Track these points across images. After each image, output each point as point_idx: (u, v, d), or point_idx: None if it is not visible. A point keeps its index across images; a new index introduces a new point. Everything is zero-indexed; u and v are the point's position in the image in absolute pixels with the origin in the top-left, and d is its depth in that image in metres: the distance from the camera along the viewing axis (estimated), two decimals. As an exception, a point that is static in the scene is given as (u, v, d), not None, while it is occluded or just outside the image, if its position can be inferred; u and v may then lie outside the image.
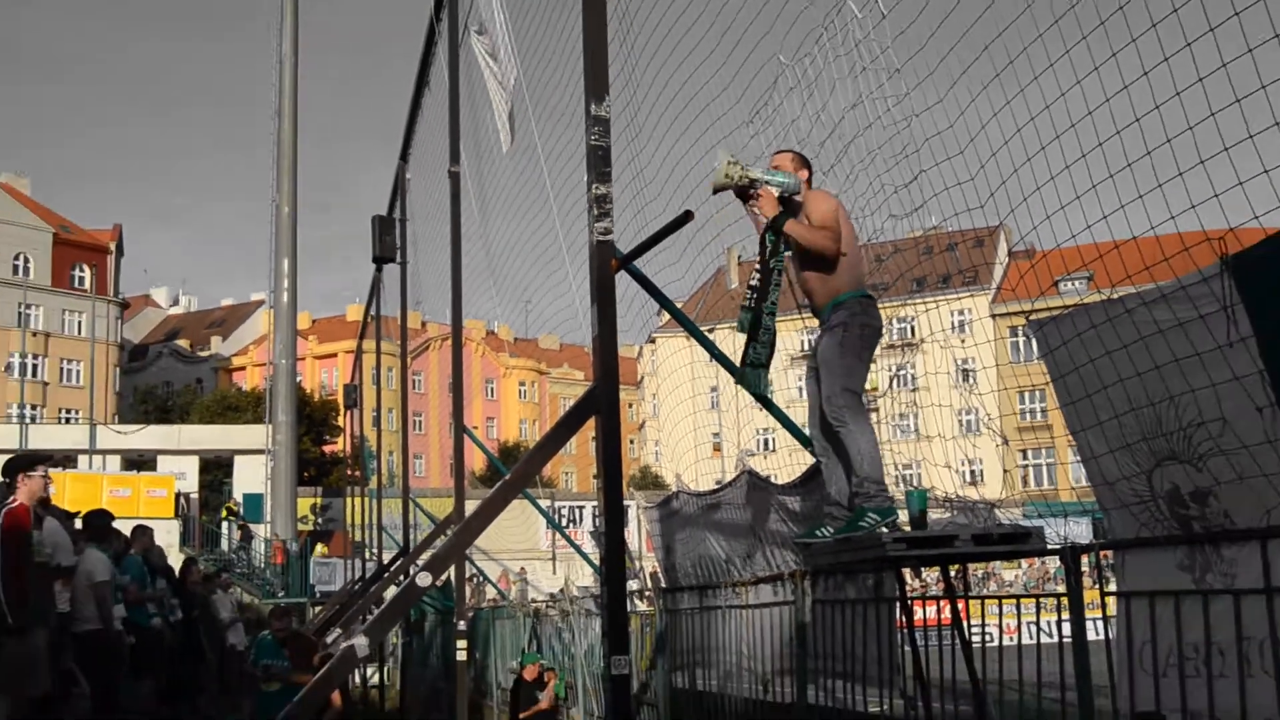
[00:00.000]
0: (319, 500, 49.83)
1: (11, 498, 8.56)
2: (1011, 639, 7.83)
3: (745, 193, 6.19)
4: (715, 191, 6.30)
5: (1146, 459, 5.71)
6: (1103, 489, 6.15)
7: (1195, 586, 5.56)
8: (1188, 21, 4.37)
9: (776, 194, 6.13)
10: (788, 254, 6.23)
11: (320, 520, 48.14)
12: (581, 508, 54.15)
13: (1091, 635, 6.17)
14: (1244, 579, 5.24)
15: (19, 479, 8.76)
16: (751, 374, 6.54)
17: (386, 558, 24.54)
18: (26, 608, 8.29)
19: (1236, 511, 5.31)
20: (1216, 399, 5.07)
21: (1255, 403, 4.90)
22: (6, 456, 10.17)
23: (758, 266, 6.28)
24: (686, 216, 6.38)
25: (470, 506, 12.95)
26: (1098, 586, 6.53)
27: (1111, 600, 6.29)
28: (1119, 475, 5.94)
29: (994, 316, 55.59)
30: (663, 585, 12.56)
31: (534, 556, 41.72)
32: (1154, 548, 5.87)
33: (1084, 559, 6.16)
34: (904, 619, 7.45)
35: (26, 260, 74.70)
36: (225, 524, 46.31)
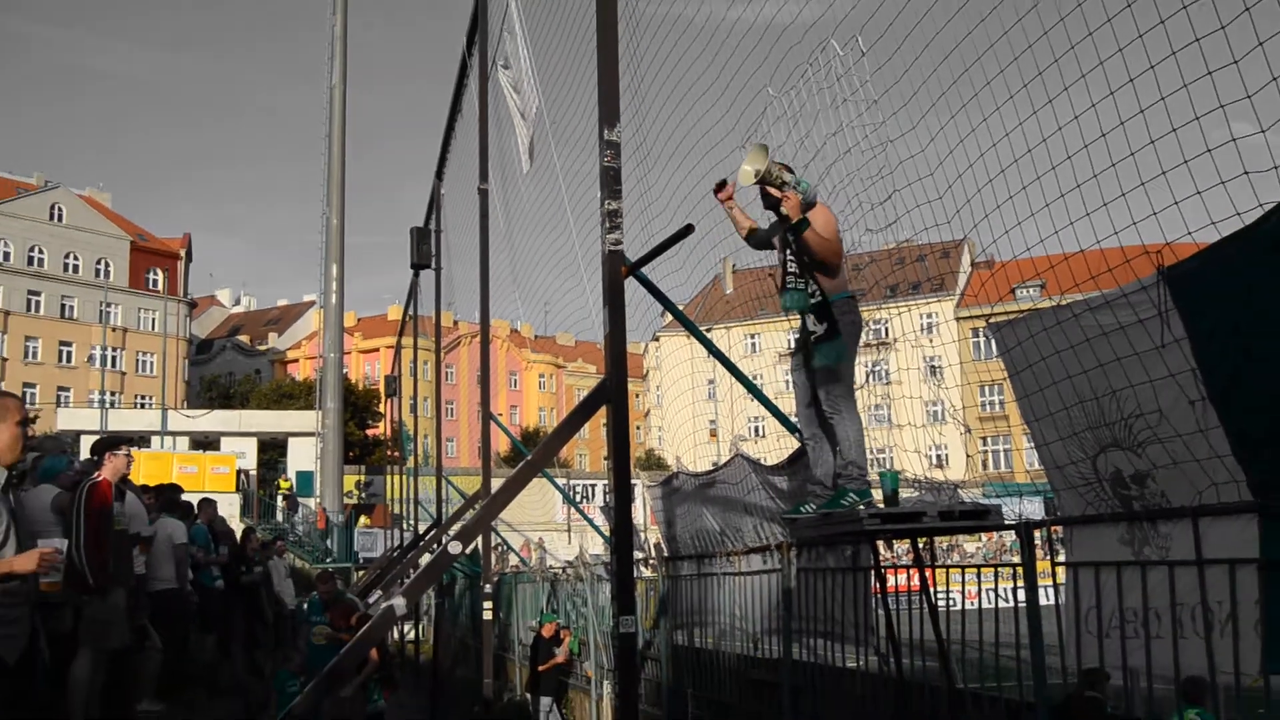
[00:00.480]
0: (363, 477, 49.88)
1: (96, 473, 8.59)
2: (972, 604, 7.85)
3: (770, 196, 6.13)
4: (756, 180, 6.18)
5: (1092, 446, 5.74)
6: (1053, 472, 6.17)
7: (1135, 558, 5.58)
8: (1131, 60, 4.39)
9: (800, 198, 6.12)
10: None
11: (364, 495, 48.20)
12: (593, 485, 54.15)
13: (1043, 601, 6.18)
14: (1178, 552, 5.27)
15: (106, 457, 8.80)
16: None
17: (421, 528, 24.60)
18: (106, 571, 8.31)
19: (1172, 492, 5.33)
20: (1154, 393, 5.09)
21: (1188, 396, 4.94)
22: (92, 437, 10.27)
23: (790, 257, 6.19)
24: (688, 229, 6.39)
25: (496, 484, 12.98)
26: (1049, 558, 6.54)
27: (1061, 570, 6.31)
28: (1068, 460, 5.96)
29: (958, 319, 55.47)
30: (665, 554, 12.57)
31: (551, 528, 41.70)
32: (1098, 524, 5.90)
33: (1036, 534, 6.16)
34: (878, 585, 7.46)
35: (107, 265, 74.78)
36: (280, 498, 46.44)
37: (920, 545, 7.23)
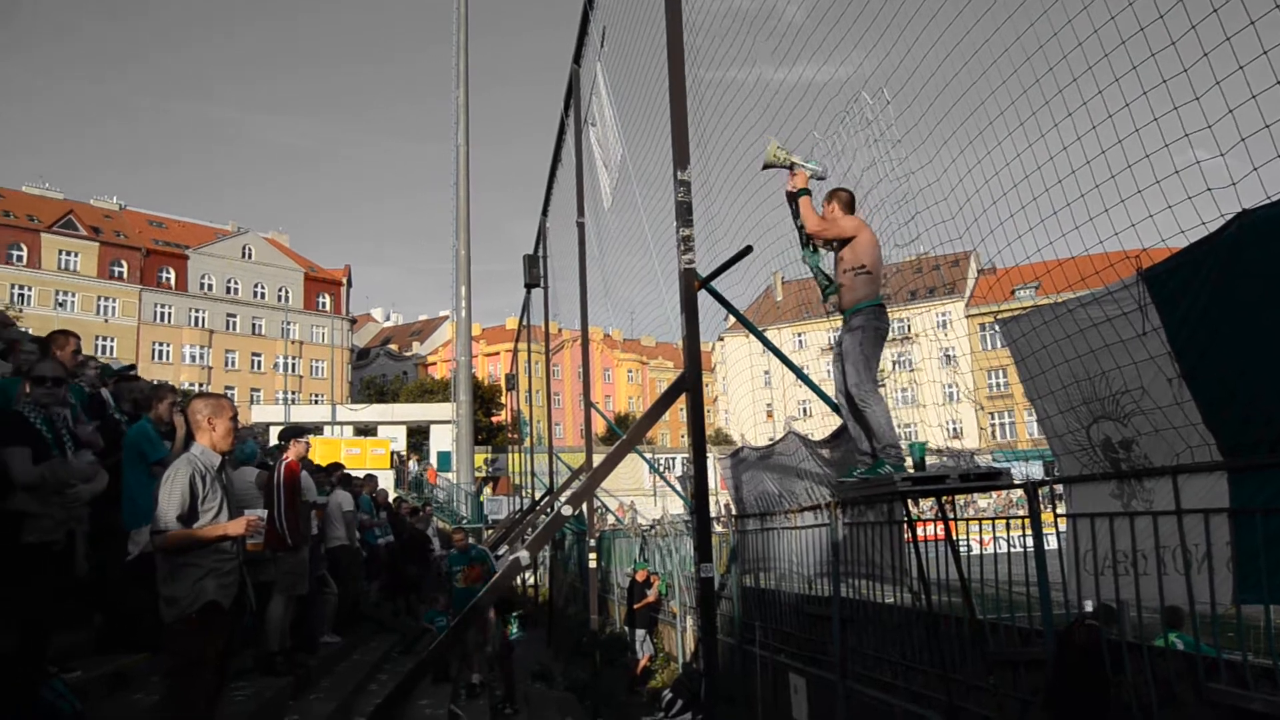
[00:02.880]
0: (489, 455, 50.39)
1: (284, 456, 8.79)
2: (986, 550, 7.72)
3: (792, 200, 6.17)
4: (764, 168, 6.27)
5: (1086, 418, 5.66)
6: (1054, 440, 6.08)
7: (1124, 510, 5.50)
8: (1109, 98, 4.33)
9: (807, 175, 6.13)
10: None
11: (490, 469, 48.68)
12: (674, 458, 54.13)
13: (1047, 546, 6.10)
14: (1160, 504, 5.23)
15: (290, 443, 9.00)
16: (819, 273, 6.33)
17: (537, 495, 24.80)
18: (299, 532, 8.53)
19: (1153, 454, 5.26)
20: (1137, 372, 5.04)
21: (1165, 375, 4.89)
22: (278, 428, 10.53)
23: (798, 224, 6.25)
24: (747, 250, 6.38)
25: (595, 459, 13.04)
26: (1051, 510, 6.41)
27: (1062, 521, 6.20)
28: (1066, 430, 5.88)
29: (967, 317, 54.56)
30: (733, 513, 12.55)
31: (640, 493, 41.70)
32: (1092, 482, 5.81)
33: (1040, 491, 6.07)
34: (910, 535, 7.38)
35: (287, 292, 76.33)
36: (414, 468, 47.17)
37: (944, 502, 7.15)
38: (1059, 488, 6.30)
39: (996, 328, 6.34)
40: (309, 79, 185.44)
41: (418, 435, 54.43)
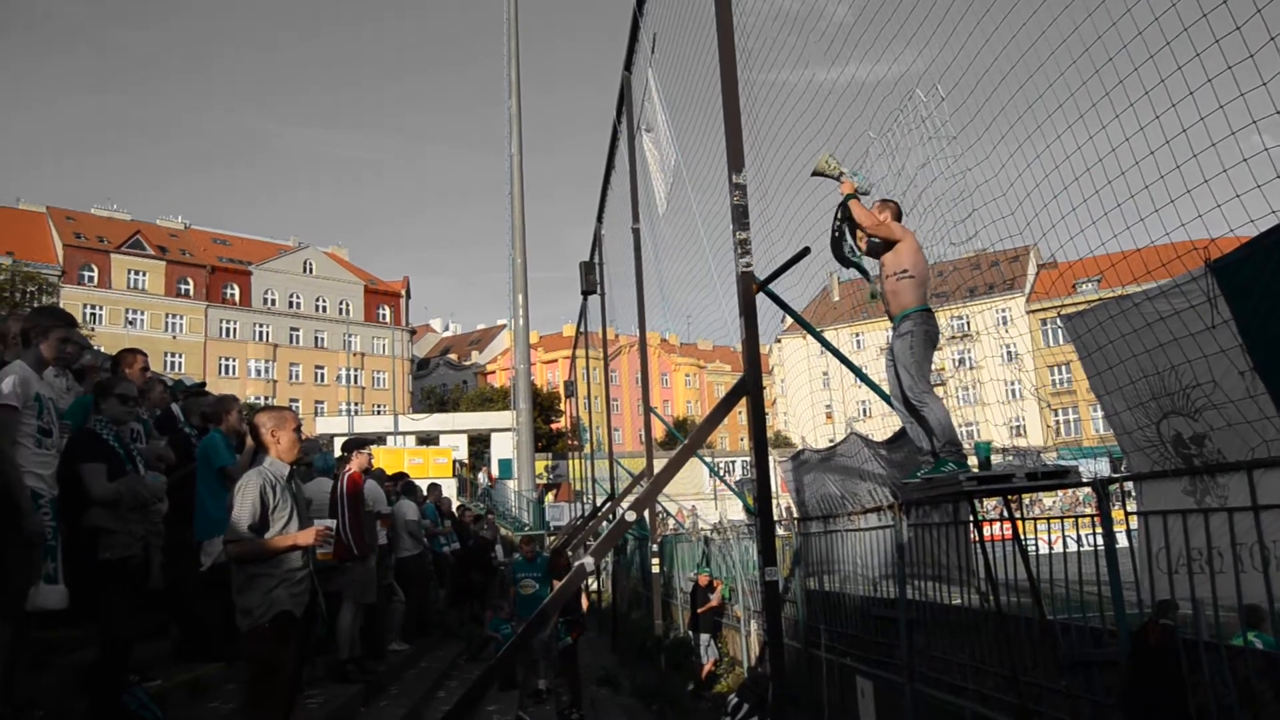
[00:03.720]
0: (550, 461, 50.71)
1: (347, 467, 8.93)
2: (1049, 550, 7.58)
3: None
4: (814, 175, 6.39)
5: (1155, 413, 5.56)
6: (1123, 437, 5.99)
7: (1197, 506, 5.39)
8: (1172, 87, 4.25)
9: (854, 184, 6.19)
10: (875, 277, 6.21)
11: (551, 475, 48.98)
12: (733, 461, 53.99)
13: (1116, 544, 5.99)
14: (1235, 500, 5.10)
15: (353, 455, 9.13)
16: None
17: (598, 501, 24.88)
18: (365, 542, 8.66)
19: (1227, 450, 5.16)
20: (1207, 366, 4.94)
21: (1237, 368, 4.79)
22: (342, 438, 10.73)
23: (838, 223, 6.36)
24: (805, 251, 6.37)
25: (656, 464, 13.07)
26: (1121, 508, 6.29)
27: (1133, 518, 6.09)
28: (1135, 426, 5.78)
29: (1028, 313, 53.60)
30: (795, 516, 12.49)
31: (699, 497, 41.65)
32: (1164, 479, 5.69)
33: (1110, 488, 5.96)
34: (976, 536, 7.29)
35: (347, 305, 77.59)
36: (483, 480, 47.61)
37: (1010, 501, 7.05)
38: (1128, 485, 6.18)
39: (1059, 323, 6.25)
40: (361, 92, 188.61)
41: (479, 443, 54.97)
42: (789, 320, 8.23)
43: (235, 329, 71.07)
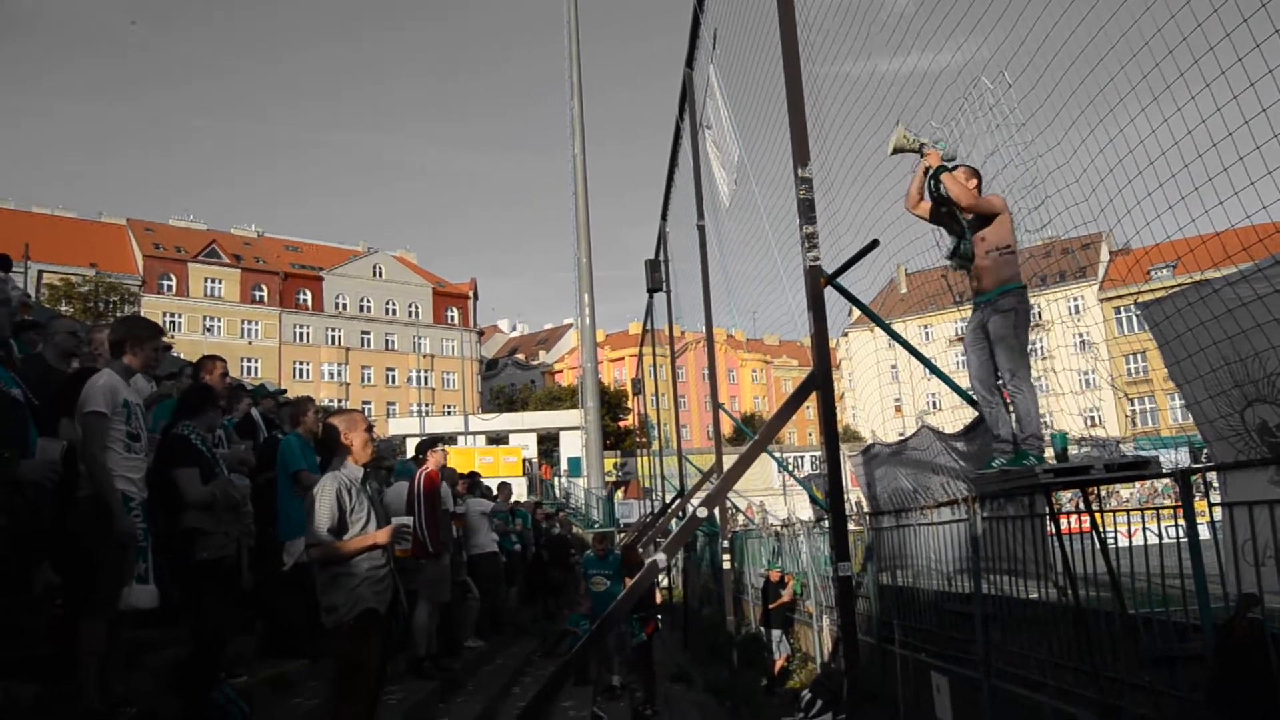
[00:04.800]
0: (618, 459, 50.88)
1: (423, 466, 9.08)
2: (1126, 543, 7.41)
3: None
4: (893, 152, 6.17)
5: (1239, 401, 5.41)
6: (1205, 426, 5.83)
7: (1286, 496, 5.23)
8: (1251, 66, 4.14)
9: (940, 154, 6.03)
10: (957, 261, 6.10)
11: (620, 473, 49.16)
12: (801, 457, 53.66)
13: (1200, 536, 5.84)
14: (1325, 489, 4.92)
15: (428, 454, 9.28)
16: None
17: (667, 498, 24.91)
18: (440, 540, 8.80)
19: (1316, 437, 4.98)
20: (1294, 352, 4.78)
21: (1326, 353, 4.62)
22: (414, 440, 10.93)
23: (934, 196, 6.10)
24: (874, 244, 6.30)
25: (725, 460, 13.06)
26: (1205, 499, 6.12)
27: (1216, 509, 5.92)
28: (1217, 415, 5.63)
29: (1102, 301, 52.26)
30: (866, 510, 12.39)
31: (768, 493, 41.44)
32: (1250, 468, 5.53)
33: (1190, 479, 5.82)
34: (1053, 529, 7.16)
35: (417, 308, 78.71)
36: (556, 479, 48.01)
37: (1087, 493, 6.91)
38: (1210, 476, 6.01)
39: (1135, 311, 6.11)
40: (425, 96, 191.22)
41: (548, 442, 55.36)
42: (855, 314, 8.17)
43: (309, 333, 72.56)
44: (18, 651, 4.90)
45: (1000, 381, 5.89)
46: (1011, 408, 5.92)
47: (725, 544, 13.86)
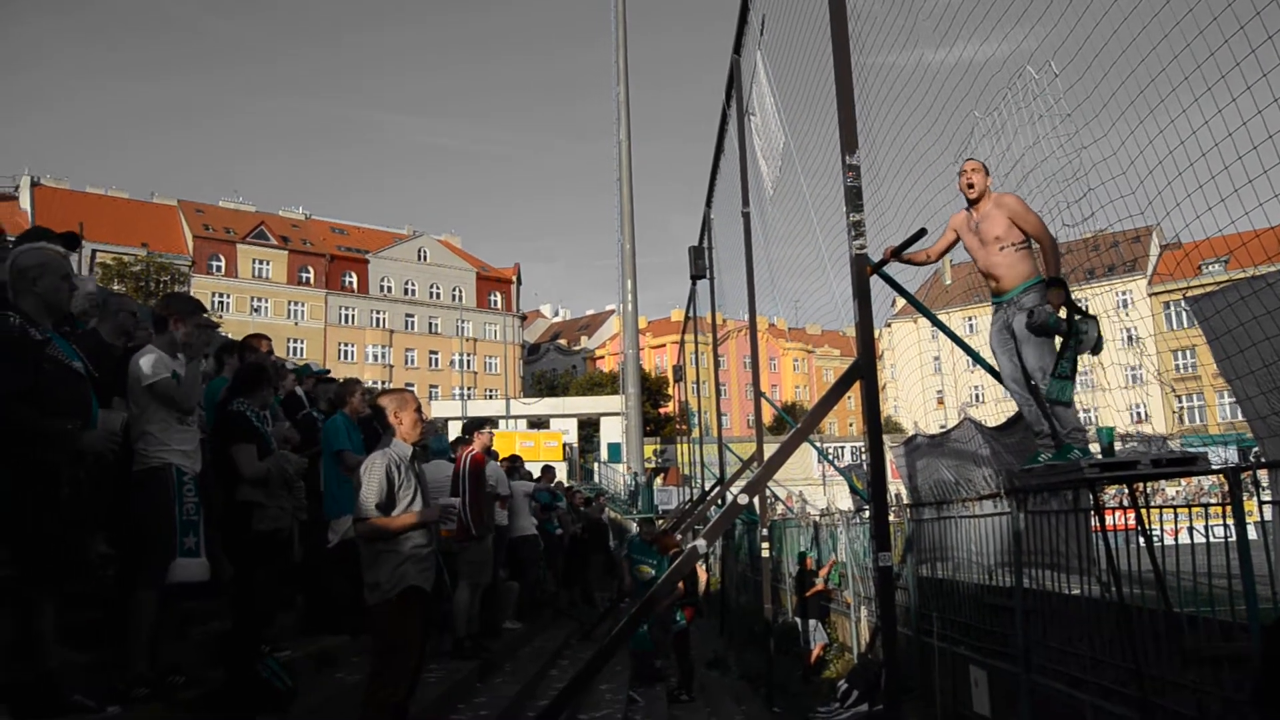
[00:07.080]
0: (658, 446, 50.99)
1: (468, 447, 9.17)
2: (1172, 540, 7.32)
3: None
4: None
5: (1291, 397, 5.31)
6: (1256, 422, 5.74)
7: (1337, 495, 5.14)
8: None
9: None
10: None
11: (660, 460, 49.26)
12: (842, 447, 53.41)
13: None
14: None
15: (474, 435, 9.36)
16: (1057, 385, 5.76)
17: (706, 485, 24.91)
18: (484, 522, 8.89)
19: (1370, 436, 4.89)
20: (1349, 348, 4.69)
21: (1382, 351, 4.53)
22: (456, 423, 11.06)
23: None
24: (922, 233, 6.25)
25: (767, 449, 13.04)
26: (1255, 497, 6.02)
27: (1268, 508, 5.83)
28: (1269, 411, 5.54)
29: (1151, 295, 51.33)
30: (906, 502, 12.33)
31: (807, 483, 41.34)
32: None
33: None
34: (1098, 524, 7.09)
35: (460, 292, 79.22)
36: (595, 466, 48.21)
37: (1134, 489, 6.83)
38: (1260, 473, 5.91)
39: (1185, 306, 6.02)
40: (470, 81, 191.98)
41: (588, 427, 55.60)
42: (899, 305, 8.14)
43: (354, 315, 73.34)
44: (72, 619, 5.04)
45: (1033, 382, 5.84)
46: (1048, 406, 5.86)
47: (764, 532, 13.84)
